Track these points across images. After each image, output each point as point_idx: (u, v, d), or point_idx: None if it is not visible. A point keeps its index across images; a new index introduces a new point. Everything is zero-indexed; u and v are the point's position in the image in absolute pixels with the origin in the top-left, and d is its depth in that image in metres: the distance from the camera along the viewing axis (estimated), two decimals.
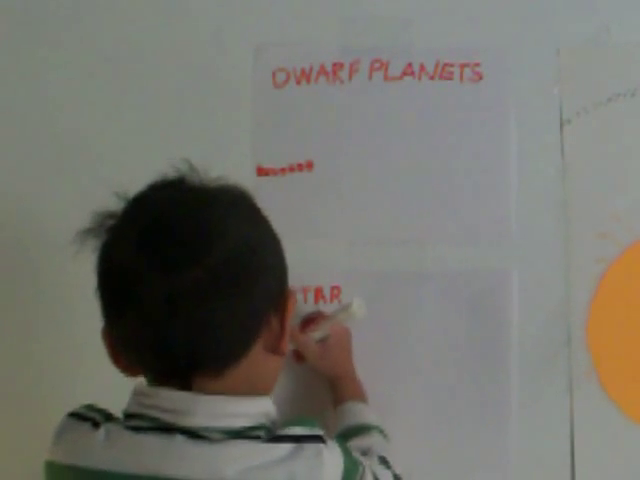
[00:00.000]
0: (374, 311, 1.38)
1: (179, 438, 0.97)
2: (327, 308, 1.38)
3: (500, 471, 1.38)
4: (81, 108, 1.44)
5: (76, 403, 1.07)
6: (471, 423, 1.38)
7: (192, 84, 1.43)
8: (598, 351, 1.38)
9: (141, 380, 1.04)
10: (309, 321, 1.34)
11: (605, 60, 1.41)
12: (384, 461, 1.15)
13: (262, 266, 1.01)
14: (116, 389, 1.04)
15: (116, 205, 1.03)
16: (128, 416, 1.01)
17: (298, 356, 1.35)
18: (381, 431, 1.25)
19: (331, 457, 0.99)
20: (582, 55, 1.41)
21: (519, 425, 1.37)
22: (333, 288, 1.40)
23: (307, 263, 1.37)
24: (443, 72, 1.42)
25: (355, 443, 1.18)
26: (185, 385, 1.00)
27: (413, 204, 1.41)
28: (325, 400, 1.35)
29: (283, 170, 1.42)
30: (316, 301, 1.39)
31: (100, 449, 0.99)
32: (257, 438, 0.99)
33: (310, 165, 1.42)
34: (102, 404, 1.06)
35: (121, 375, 1.04)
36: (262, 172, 1.42)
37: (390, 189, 1.41)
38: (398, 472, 1.16)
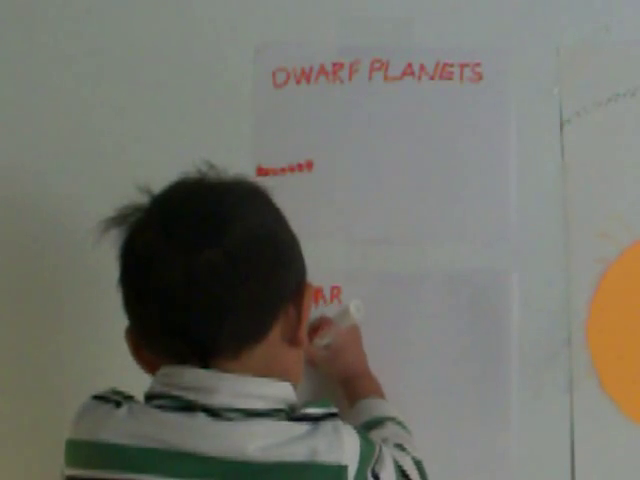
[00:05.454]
0: (374, 311, 1.38)
1: (201, 416, 0.99)
2: (327, 309, 1.38)
3: (500, 471, 1.38)
4: (80, 109, 1.44)
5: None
6: (471, 423, 1.38)
7: (192, 84, 1.43)
8: (598, 351, 1.38)
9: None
10: (315, 329, 1.34)
11: (605, 60, 1.41)
12: (400, 447, 1.15)
13: (279, 254, 1.04)
14: (135, 383, 1.05)
15: (138, 199, 1.06)
16: (150, 397, 1.03)
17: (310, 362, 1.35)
18: (398, 422, 1.25)
19: (348, 434, 1.00)
20: (582, 55, 1.41)
21: (519, 425, 1.37)
22: (333, 288, 1.40)
23: (307, 263, 1.36)
24: (443, 72, 1.42)
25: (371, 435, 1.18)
26: (203, 366, 1.01)
27: (413, 204, 1.41)
28: (341, 401, 1.34)
29: (283, 170, 1.42)
30: (316, 301, 1.39)
31: (121, 424, 1.00)
32: (277, 418, 1.00)
33: (310, 165, 1.42)
34: None
35: (139, 371, 1.06)
36: (262, 172, 1.42)
37: (390, 189, 1.41)
38: (418, 457, 1.16)
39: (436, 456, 1.35)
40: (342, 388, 1.35)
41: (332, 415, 1.02)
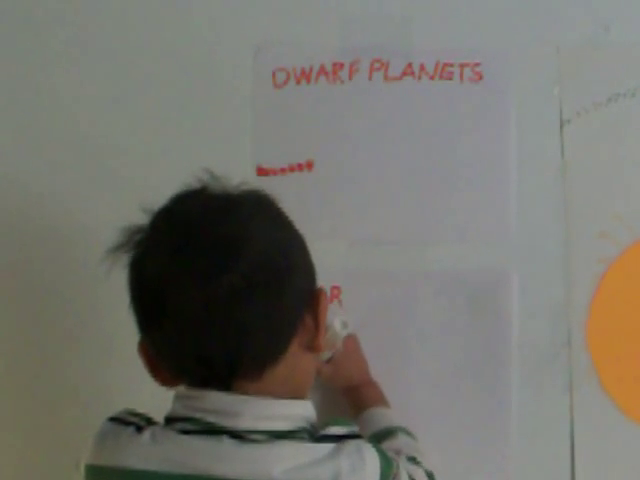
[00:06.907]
0: (374, 311, 1.38)
1: (226, 440, 0.98)
2: None
3: (500, 471, 1.38)
4: (79, 109, 1.44)
5: (109, 404, 1.08)
6: (471, 423, 1.38)
7: (192, 84, 1.43)
8: (598, 351, 1.38)
9: (182, 386, 1.05)
10: None
11: (605, 60, 1.40)
12: (413, 460, 1.15)
13: (292, 266, 1.03)
14: (149, 393, 1.06)
15: (141, 219, 1.05)
16: (171, 420, 1.02)
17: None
18: (408, 432, 1.26)
19: (369, 454, 1.01)
20: (582, 55, 1.41)
21: (519, 425, 1.37)
22: (333, 288, 1.40)
23: None
24: (443, 72, 1.42)
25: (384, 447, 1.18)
26: (226, 389, 1.01)
27: (413, 204, 1.41)
28: (344, 409, 1.35)
29: (283, 170, 1.42)
30: None
31: (146, 450, 1.00)
32: (301, 439, 1.00)
33: (310, 165, 1.42)
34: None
35: (154, 386, 1.05)
36: (262, 172, 1.42)
37: (390, 189, 1.41)
38: (429, 468, 1.16)
39: (436, 455, 1.36)
40: (346, 397, 1.35)
41: (354, 435, 1.03)
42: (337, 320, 1.28)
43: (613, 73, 1.40)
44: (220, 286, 0.98)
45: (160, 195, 1.07)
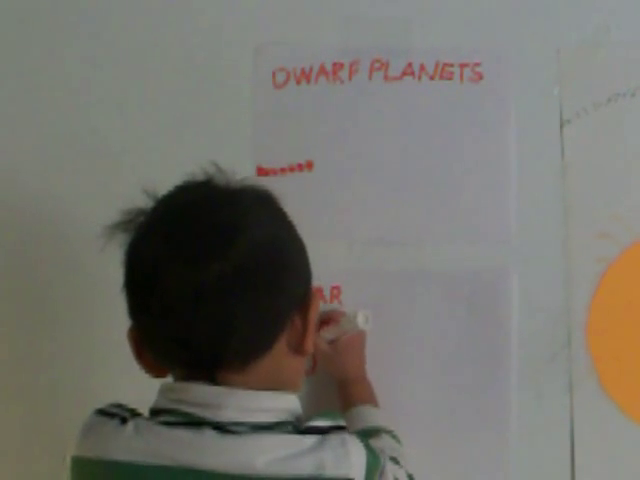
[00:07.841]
0: (374, 311, 1.38)
1: (209, 432, 0.99)
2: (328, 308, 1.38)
3: (500, 471, 1.38)
4: (80, 109, 1.44)
5: (96, 401, 1.08)
6: (471, 423, 1.38)
7: (192, 84, 1.43)
8: (598, 351, 1.38)
9: (167, 380, 1.05)
10: (325, 321, 1.34)
11: (605, 60, 1.41)
12: (395, 460, 1.15)
13: (287, 264, 1.04)
14: (136, 388, 1.06)
15: (143, 203, 1.05)
16: (156, 412, 1.03)
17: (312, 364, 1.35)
18: (393, 435, 1.26)
19: (355, 447, 1.01)
20: (582, 55, 1.41)
21: (519, 425, 1.37)
22: (333, 288, 1.40)
23: None
24: (443, 72, 1.42)
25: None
26: (210, 379, 1.01)
27: (413, 204, 1.41)
28: (335, 404, 1.35)
29: (283, 170, 1.42)
30: None
31: (129, 442, 1.00)
32: (284, 431, 1.00)
33: (310, 165, 1.42)
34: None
35: (141, 375, 1.06)
36: (262, 172, 1.42)
37: (390, 189, 1.42)
38: (410, 471, 1.16)
39: (436, 456, 1.36)
40: (337, 391, 1.35)
41: (339, 427, 1.03)
42: (362, 312, 1.29)
43: (613, 73, 1.40)
44: (210, 273, 0.98)
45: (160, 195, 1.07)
